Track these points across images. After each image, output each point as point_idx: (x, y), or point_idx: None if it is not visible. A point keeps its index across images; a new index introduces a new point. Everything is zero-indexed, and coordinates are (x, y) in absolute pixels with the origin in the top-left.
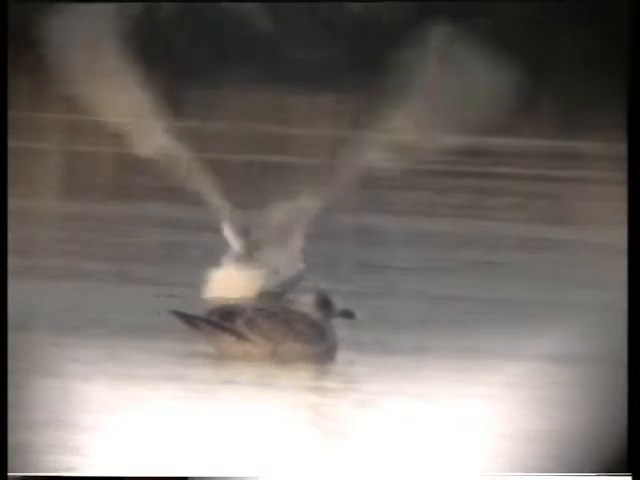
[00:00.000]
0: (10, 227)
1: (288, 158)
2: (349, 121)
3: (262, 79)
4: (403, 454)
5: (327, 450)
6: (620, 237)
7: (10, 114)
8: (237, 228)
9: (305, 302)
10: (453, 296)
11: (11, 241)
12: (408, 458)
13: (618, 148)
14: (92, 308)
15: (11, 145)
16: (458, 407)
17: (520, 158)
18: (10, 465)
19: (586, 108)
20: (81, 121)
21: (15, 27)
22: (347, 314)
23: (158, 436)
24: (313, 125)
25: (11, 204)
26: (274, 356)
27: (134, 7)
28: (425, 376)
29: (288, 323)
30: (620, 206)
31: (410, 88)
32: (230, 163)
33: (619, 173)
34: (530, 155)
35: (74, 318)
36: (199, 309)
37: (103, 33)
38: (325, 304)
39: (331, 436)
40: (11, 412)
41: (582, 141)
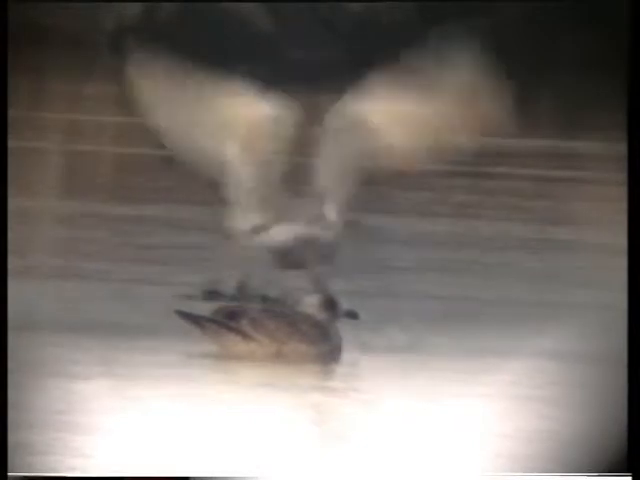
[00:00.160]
0: (10, 227)
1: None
2: None
3: (262, 79)
4: (403, 454)
5: (331, 450)
6: (620, 237)
7: (10, 114)
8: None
9: (310, 303)
10: (453, 296)
11: (11, 241)
12: (408, 458)
13: (618, 148)
14: (92, 308)
15: (11, 145)
16: (458, 407)
17: (520, 158)
18: (10, 465)
19: (586, 108)
20: (81, 121)
21: (15, 27)
22: (351, 315)
23: (160, 436)
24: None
25: (11, 204)
26: (279, 356)
27: (134, 7)
28: (425, 376)
29: (293, 324)
30: (620, 206)
31: (410, 88)
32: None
33: (619, 173)
34: (530, 155)
35: (74, 318)
36: (203, 309)
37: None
38: (331, 305)
39: (335, 436)
40: (11, 412)
41: (582, 141)
